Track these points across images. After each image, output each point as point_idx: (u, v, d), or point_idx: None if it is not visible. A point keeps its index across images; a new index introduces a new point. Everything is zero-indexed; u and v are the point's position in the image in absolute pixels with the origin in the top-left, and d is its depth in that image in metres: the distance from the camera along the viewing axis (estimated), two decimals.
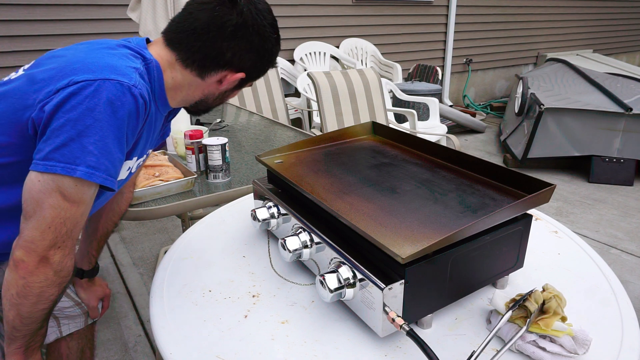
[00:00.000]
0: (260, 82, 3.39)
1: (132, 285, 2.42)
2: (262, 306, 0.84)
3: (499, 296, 0.77)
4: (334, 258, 0.79)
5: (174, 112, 1.00)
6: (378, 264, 0.74)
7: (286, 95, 3.92)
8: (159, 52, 0.87)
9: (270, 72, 3.44)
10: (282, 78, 3.79)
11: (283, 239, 0.86)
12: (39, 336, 0.88)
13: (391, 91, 4.27)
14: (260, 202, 1.05)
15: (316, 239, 0.84)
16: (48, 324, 0.90)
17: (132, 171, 0.95)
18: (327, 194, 0.89)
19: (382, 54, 5.04)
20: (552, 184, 0.80)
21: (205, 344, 0.75)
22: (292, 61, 4.48)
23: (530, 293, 0.74)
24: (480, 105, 6.49)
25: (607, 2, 7.79)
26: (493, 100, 6.67)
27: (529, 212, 0.85)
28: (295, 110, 4.09)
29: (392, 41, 5.28)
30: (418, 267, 0.70)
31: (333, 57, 4.73)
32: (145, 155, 0.99)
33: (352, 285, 0.74)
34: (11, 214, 0.84)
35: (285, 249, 0.85)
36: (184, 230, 1.97)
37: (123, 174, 0.89)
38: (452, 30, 5.73)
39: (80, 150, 0.73)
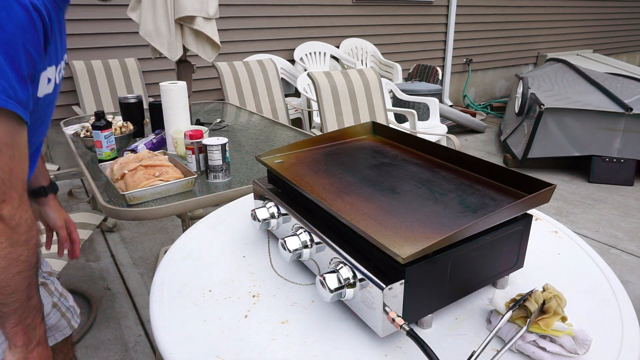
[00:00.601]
0: (260, 82, 3.39)
1: (132, 285, 2.42)
2: (262, 306, 0.84)
3: (499, 296, 0.77)
4: (334, 258, 0.79)
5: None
6: (378, 264, 0.74)
7: (286, 95, 3.92)
8: None
9: (271, 72, 3.44)
10: (282, 78, 3.79)
11: (283, 239, 0.86)
12: (33, 309, 0.83)
13: (391, 91, 4.27)
14: (260, 202, 1.05)
15: (316, 239, 0.84)
16: (40, 297, 0.85)
17: (57, 82, 0.89)
18: (327, 194, 0.89)
19: (382, 54, 5.04)
20: (552, 184, 0.80)
21: (205, 344, 0.75)
22: (292, 61, 4.48)
23: (530, 293, 0.74)
24: (480, 105, 6.49)
25: (607, 2, 7.79)
26: (493, 100, 6.67)
27: (529, 212, 0.85)
28: (295, 110, 4.09)
29: (392, 41, 5.29)
30: (418, 267, 0.70)
31: (333, 57, 4.73)
32: (63, 62, 0.91)
33: (352, 285, 0.74)
34: None
35: (285, 249, 0.85)
36: (184, 230, 1.97)
37: (45, 88, 0.83)
38: (452, 30, 5.73)
39: None
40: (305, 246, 0.86)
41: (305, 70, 4.36)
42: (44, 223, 1.22)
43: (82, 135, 1.84)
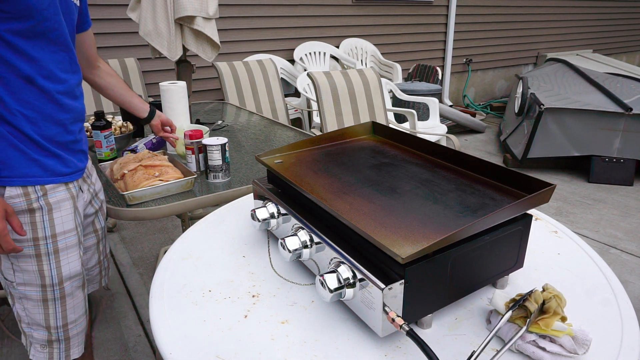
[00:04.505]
0: (260, 82, 3.39)
1: (132, 285, 2.42)
2: (262, 306, 0.84)
3: (498, 296, 0.77)
4: (334, 258, 0.79)
5: None
6: (378, 264, 0.74)
7: (286, 95, 3.92)
8: None
9: (270, 72, 3.44)
10: (282, 78, 3.79)
11: (283, 238, 0.86)
12: None
13: (391, 91, 4.27)
14: (260, 202, 1.05)
15: (316, 239, 0.84)
16: None
17: None
18: (327, 194, 0.89)
19: (382, 54, 5.04)
20: (552, 184, 0.80)
21: (205, 344, 0.75)
22: (292, 61, 4.48)
23: (530, 293, 0.74)
24: (480, 105, 6.49)
25: (607, 2, 7.79)
26: (493, 100, 6.67)
27: (529, 212, 0.85)
28: (295, 110, 4.09)
29: (392, 41, 5.28)
30: (418, 267, 0.70)
31: (333, 57, 4.73)
32: None
33: (352, 285, 0.74)
34: None
35: (285, 249, 0.85)
36: (183, 230, 1.97)
37: None
38: (452, 30, 5.73)
39: None
40: (305, 246, 0.86)
41: (305, 70, 4.35)
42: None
43: None
